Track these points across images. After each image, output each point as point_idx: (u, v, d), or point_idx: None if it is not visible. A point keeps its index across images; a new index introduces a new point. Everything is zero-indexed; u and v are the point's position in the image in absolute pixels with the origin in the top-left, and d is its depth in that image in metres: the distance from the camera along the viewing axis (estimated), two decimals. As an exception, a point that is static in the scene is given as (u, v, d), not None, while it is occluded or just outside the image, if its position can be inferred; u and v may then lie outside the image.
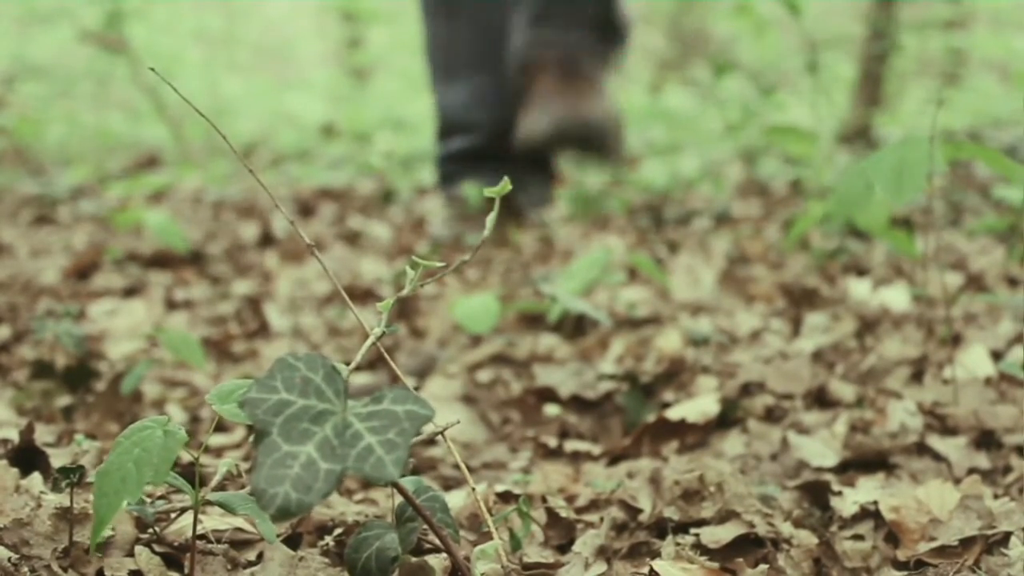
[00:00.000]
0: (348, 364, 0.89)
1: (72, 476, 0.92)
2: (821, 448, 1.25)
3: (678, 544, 1.00)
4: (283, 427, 0.71)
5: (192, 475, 0.85)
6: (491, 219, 0.95)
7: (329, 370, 0.74)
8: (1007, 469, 1.20)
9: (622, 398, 1.49)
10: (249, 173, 0.80)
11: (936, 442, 1.24)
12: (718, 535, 1.01)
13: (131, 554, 0.91)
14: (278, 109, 6.71)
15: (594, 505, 1.14)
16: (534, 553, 1.01)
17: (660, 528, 1.06)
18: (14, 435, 1.18)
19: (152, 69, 0.97)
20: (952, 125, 3.92)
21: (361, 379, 1.59)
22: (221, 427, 1.39)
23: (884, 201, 1.40)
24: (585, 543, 1.02)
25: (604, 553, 1.02)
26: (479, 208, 2.59)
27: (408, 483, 0.85)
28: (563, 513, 1.08)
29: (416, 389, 0.96)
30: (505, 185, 0.94)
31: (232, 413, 0.83)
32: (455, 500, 1.10)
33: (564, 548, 1.05)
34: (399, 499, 0.86)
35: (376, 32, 7.94)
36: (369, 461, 0.70)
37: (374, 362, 1.67)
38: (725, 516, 1.04)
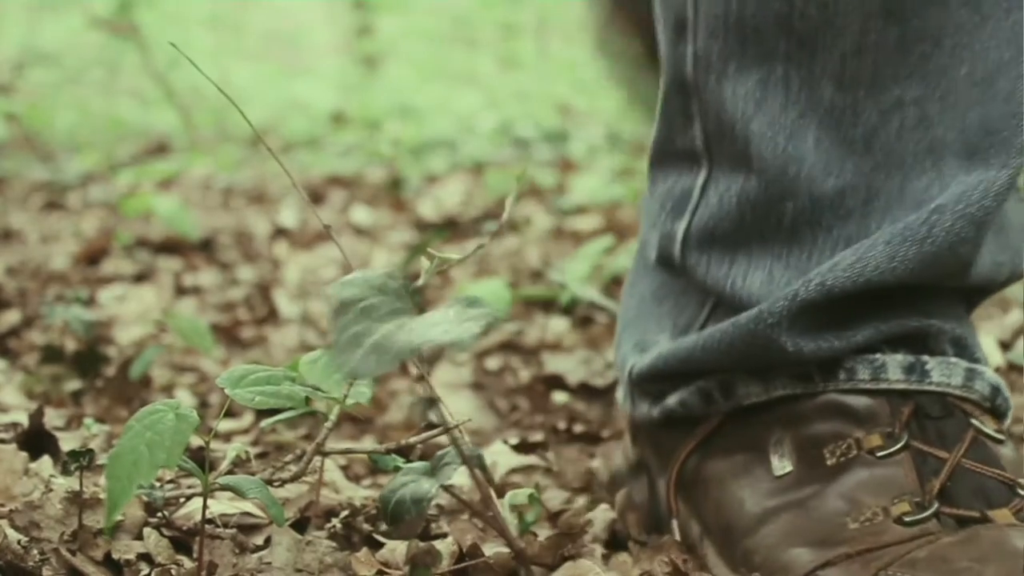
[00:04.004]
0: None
1: (82, 460, 0.93)
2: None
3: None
4: (361, 311, 0.72)
5: (201, 460, 0.85)
6: (510, 202, 0.94)
7: (405, 283, 0.76)
8: (1016, 458, 1.20)
9: (630, 386, 1.49)
10: (265, 155, 0.80)
11: (945, 431, 1.24)
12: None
13: (139, 537, 0.92)
14: (288, 97, 6.70)
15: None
16: (543, 533, 1.01)
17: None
18: (24, 419, 1.18)
19: (172, 44, 0.97)
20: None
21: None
22: (230, 412, 1.39)
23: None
24: (596, 516, 1.03)
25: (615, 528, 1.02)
26: None
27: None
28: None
29: (426, 376, 0.96)
30: (524, 172, 0.94)
31: (243, 398, 0.83)
32: (463, 480, 1.10)
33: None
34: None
35: (386, 20, 7.93)
36: (447, 335, 0.71)
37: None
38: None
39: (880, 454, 0.87)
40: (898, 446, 0.87)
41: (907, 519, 0.83)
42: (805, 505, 0.87)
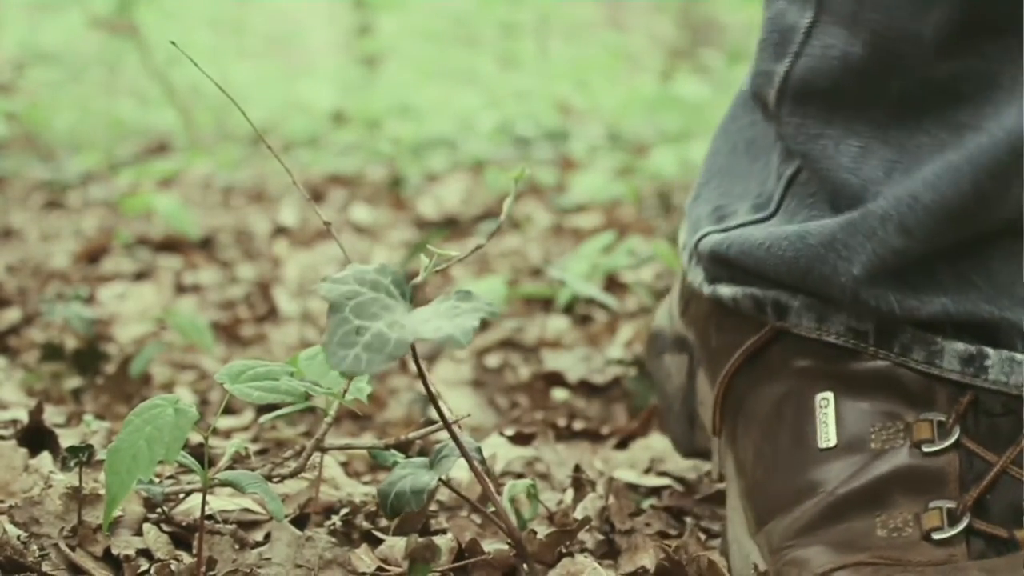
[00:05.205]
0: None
1: (81, 455, 0.93)
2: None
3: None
4: (355, 308, 0.73)
5: (200, 455, 0.85)
6: (508, 203, 0.94)
7: (398, 276, 0.77)
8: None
9: (630, 383, 1.49)
10: (266, 154, 0.80)
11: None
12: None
13: (139, 533, 0.92)
14: (288, 96, 6.70)
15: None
16: (542, 529, 1.01)
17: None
18: (23, 416, 1.18)
19: (173, 43, 0.97)
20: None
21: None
22: (230, 409, 1.39)
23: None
24: (585, 508, 1.03)
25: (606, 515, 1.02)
26: None
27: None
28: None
29: (425, 373, 0.97)
30: (522, 171, 0.93)
31: (242, 392, 0.83)
32: (462, 475, 1.10)
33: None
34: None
35: (386, 20, 7.93)
36: (440, 331, 0.71)
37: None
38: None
39: (927, 450, 0.84)
40: (947, 444, 0.84)
41: (936, 536, 0.81)
42: (837, 495, 0.85)
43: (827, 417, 0.88)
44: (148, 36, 5.05)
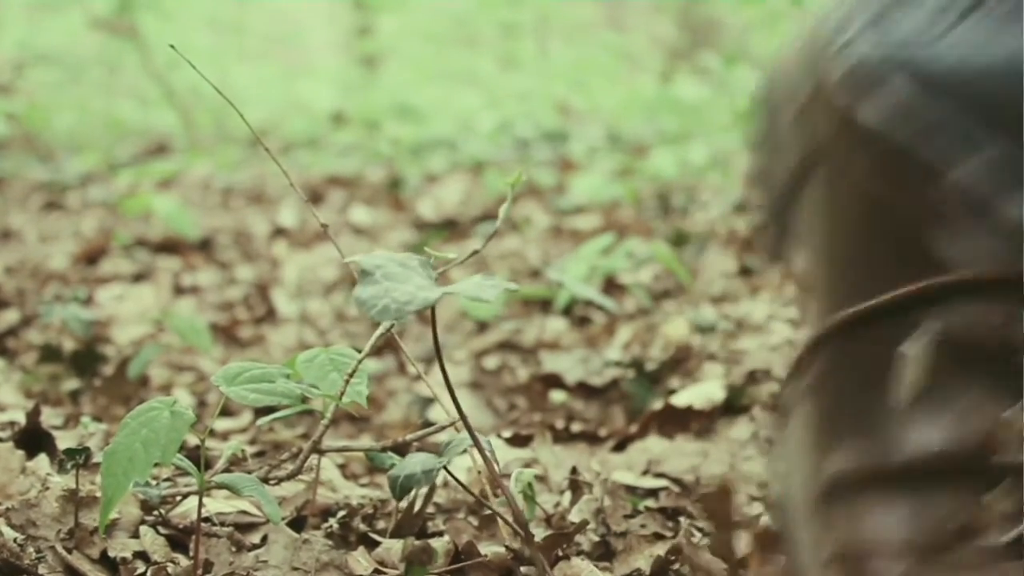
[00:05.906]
0: (357, 350, 0.89)
1: (78, 457, 0.93)
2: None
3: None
4: (384, 274, 0.76)
5: (197, 458, 0.85)
6: (504, 208, 0.94)
7: (424, 261, 0.79)
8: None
9: (628, 385, 1.49)
10: (265, 155, 0.80)
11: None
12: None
13: (136, 535, 0.92)
14: (288, 97, 6.71)
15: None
16: (539, 532, 1.01)
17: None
18: (21, 418, 1.18)
19: (172, 46, 0.97)
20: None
21: (369, 366, 1.60)
22: (227, 411, 1.39)
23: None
24: (580, 510, 1.03)
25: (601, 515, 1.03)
26: None
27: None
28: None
29: (424, 375, 0.97)
30: (519, 176, 0.93)
31: (238, 395, 0.83)
32: (462, 476, 1.10)
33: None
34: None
35: (386, 20, 7.94)
36: (468, 290, 0.75)
37: (381, 348, 1.67)
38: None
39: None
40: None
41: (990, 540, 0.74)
42: (911, 457, 0.69)
43: (901, 377, 0.71)
44: (148, 37, 5.05)
